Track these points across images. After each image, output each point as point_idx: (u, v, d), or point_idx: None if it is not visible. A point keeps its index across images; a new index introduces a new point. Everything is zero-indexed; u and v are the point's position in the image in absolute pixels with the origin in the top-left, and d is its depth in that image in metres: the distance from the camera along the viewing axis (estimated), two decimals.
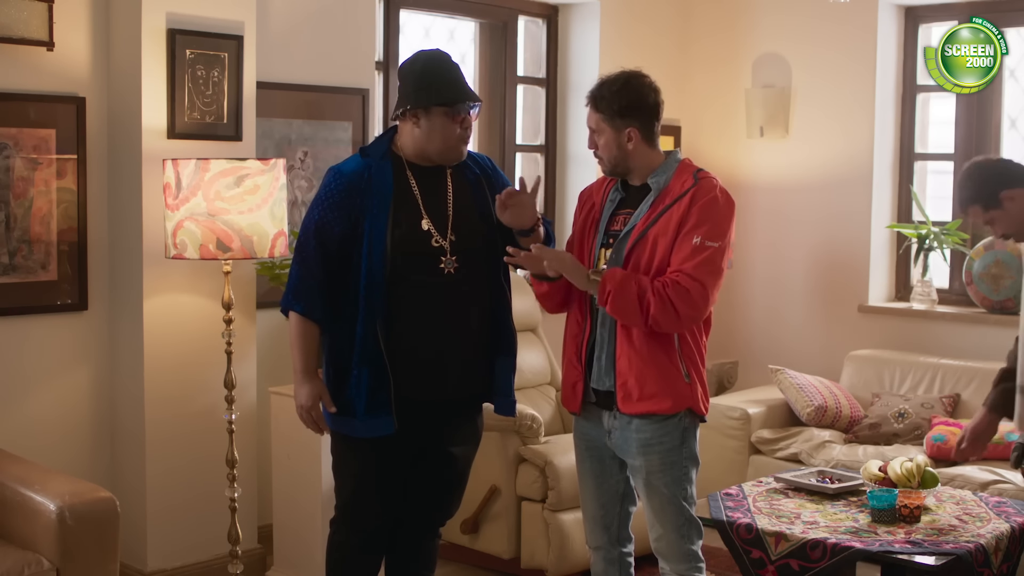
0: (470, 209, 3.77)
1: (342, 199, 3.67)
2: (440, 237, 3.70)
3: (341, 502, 3.88)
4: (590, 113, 3.74)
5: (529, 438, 5.12)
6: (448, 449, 3.87)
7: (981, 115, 6.43)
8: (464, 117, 3.69)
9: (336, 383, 3.74)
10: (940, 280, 6.55)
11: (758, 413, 6.01)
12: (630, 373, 3.65)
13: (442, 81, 3.69)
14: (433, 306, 3.67)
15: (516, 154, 6.74)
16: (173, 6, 4.72)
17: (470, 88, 3.75)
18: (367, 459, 3.76)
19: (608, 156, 3.72)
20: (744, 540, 4.30)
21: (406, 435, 3.72)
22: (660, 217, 3.63)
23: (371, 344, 3.65)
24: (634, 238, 3.65)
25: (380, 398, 3.66)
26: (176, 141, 4.74)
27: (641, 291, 3.54)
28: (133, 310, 4.77)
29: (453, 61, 3.78)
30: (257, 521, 5.11)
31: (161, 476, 4.81)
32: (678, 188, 3.66)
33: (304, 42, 5.38)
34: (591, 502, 3.90)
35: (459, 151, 3.73)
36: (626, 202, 3.76)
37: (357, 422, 3.69)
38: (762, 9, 6.91)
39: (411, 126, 3.71)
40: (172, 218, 4.46)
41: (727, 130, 7.05)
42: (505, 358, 3.88)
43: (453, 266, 3.70)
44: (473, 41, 6.63)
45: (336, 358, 3.74)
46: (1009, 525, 4.34)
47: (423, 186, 3.73)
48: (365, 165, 3.71)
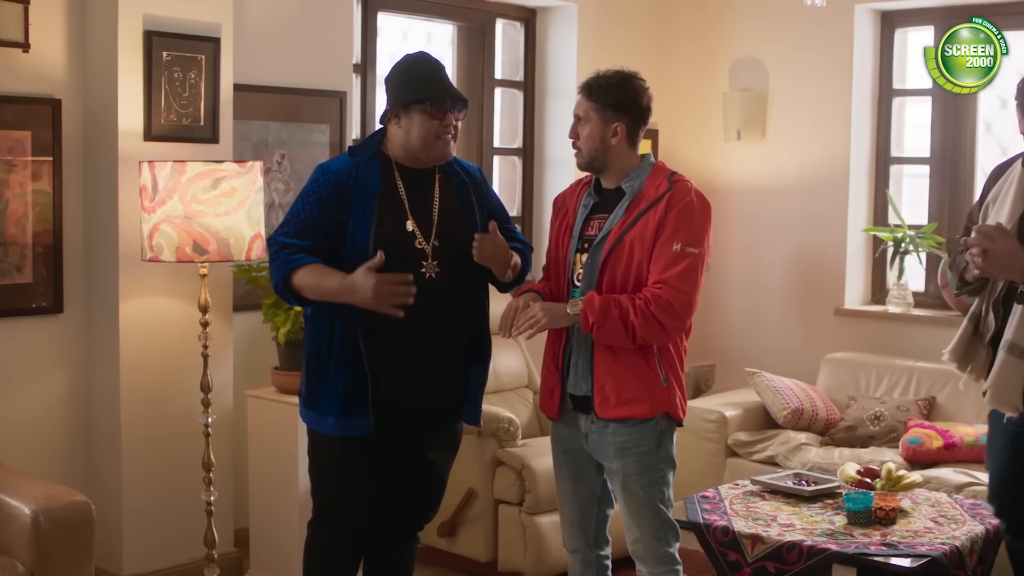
0: (456, 216, 3.77)
1: (328, 195, 3.67)
2: (423, 240, 3.69)
3: (318, 503, 3.87)
4: (581, 101, 3.73)
5: (506, 441, 5.12)
6: (426, 455, 3.87)
7: (957, 119, 6.46)
8: (444, 114, 3.67)
9: (315, 381, 3.73)
10: (916, 283, 6.57)
11: (735, 416, 6.03)
12: (608, 378, 3.65)
13: (419, 79, 3.69)
14: (412, 310, 3.64)
15: (494, 157, 6.74)
16: (150, 8, 4.70)
17: (452, 86, 3.75)
18: (344, 460, 3.74)
19: (588, 148, 3.71)
20: (720, 542, 4.31)
21: (383, 437, 3.71)
22: (636, 222, 3.63)
23: (350, 344, 3.64)
24: (610, 243, 3.64)
25: (357, 398, 3.66)
26: (152, 143, 4.72)
27: (623, 313, 3.54)
28: (109, 313, 4.76)
29: (434, 61, 3.78)
30: (233, 525, 5.10)
31: (137, 479, 4.80)
32: (653, 192, 3.66)
33: (281, 44, 5.37)
34: (568, 505, 3.90)
35: (440, 149, 3.71)
36: (600, 207, 3.76)
37: (333, 421, 3.68)
38: (739, 13, 6.93)
39: (395, 127, 3.72)
40: (148, 220, 4.44)
41: (704, 134, 7.06)
42: (479, 368, 3.88)
43: (434, 271, 3.69)
44: (451, 44, 6.63)
45: (316, 356, 3.73)
46: (984, 527, 4.36)
47: (410, 188, 3.72)
48: (353, 164, 3.71)
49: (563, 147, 6.69)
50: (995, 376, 3.78)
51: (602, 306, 3.55)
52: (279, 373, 4.84)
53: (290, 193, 5.35)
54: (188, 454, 4.81)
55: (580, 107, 3.74)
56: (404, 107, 3.66)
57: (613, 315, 3.54)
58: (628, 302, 3.55)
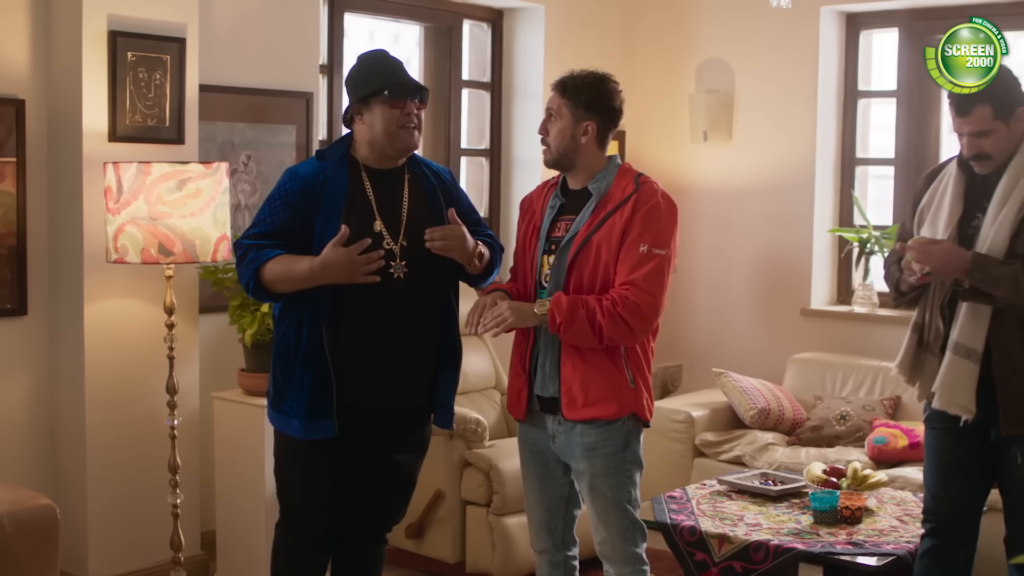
0: (424, 217, 3.76)
1: (296, 199, 3.66)
2: (391, 240, 3.69)
3: (284, 505, 3.85)
4: (554, 97, 3.74)
5: (474, 442, 5.12)
6: (393, 457, 3.86)
7: (921, 121, 6.50)
8: (404, 102, 3.67)
9: (282, 383, 3.72)
10: (881, 284, 6.60)
11: (702, 416, 6.05)
12: (575, 379, 3.65)
13: (376, 72, 3.71)
14: (379, 310, 3.65)
15: (461, 158, 6.74)
16: (114, 8, 4.68)
17: (410, 76, 3.76)
18: (309, 462, 3.73)
19: (558, 145, 3.72)
20: (688, 542, 4.33)
21: (349, 440, 3.70)
22: (603, 223, 3.64)
23: (316, 346, 3.63)
24: (577, 245, 3.65)
25: (322, 401, 3.64)
26: (117, 144, 4.70)
27: (590, 314, 3.55)
28: (74, 315, 4.72)
29: (391, 56, 3.79)
30: (200, 527, 5.07)
31: (102, 482, 4.77)
32: (619, 194, 3.66)
33: (248, 45, 5.35)
34: (536, 506, 3.90)
35: (404, 139, 3.70)
36: (566, 208, 3.77)
37: (298, 423, 3.67)
38: (706, 15, 6.95)
39: (359, 126, 3.72)
40: (113, 222, 4.42)
41: (671, 135, 7.08)
42: (449, 372, 3.87)
43: (402, 271, 3.69)
44: (418, 45, 6.62)
45: (283, 358, 3.72)
46: None
47: (378, 189, 3.72)
48: (321, 168, 3.71)
49: (530, 148, 6.71)
50: (943, 378, 3.75)
51: (569, 306, 3.55)
52: (245, 375, 4.82)
53: (256, 195, 5.33)
54: (154, 456, 4.78)
55: (553, 103, 3.74)
56: (364, 102, 3.67)
57: (580, 316, 3.54)
58: (595, 303, 3.56)
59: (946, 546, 3.90)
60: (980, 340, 3.67)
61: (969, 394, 3.70)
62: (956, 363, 3.71)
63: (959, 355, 3.70)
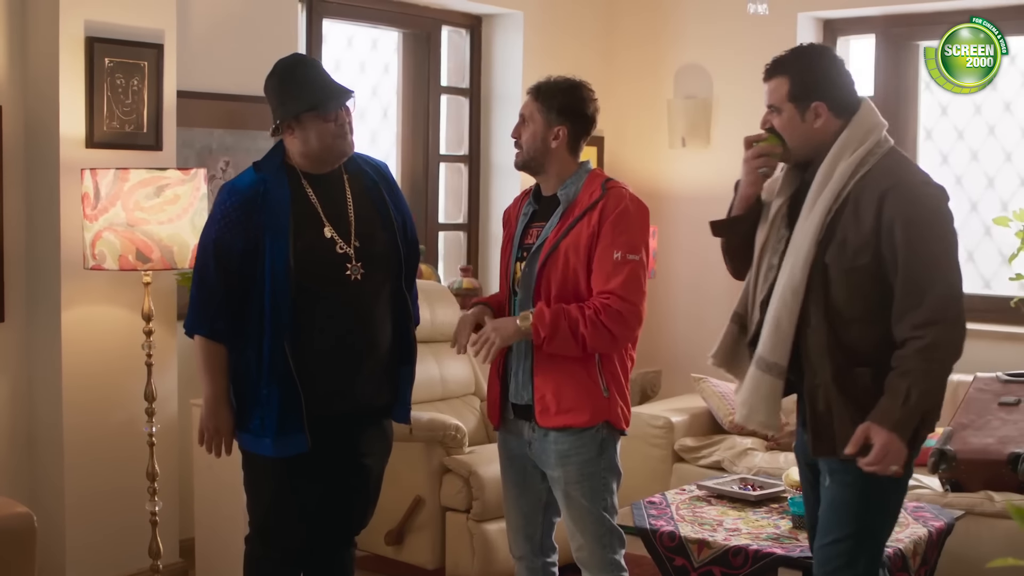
0: (372, 215, 3.75)
1: (239, 216, 3.60)
2: (344, 244, 3.67)
3: (256, 521, 3.82)
4: (528, 101, 3.76)
5: (453, 448, 5.11)
6: (361, 460, 3.83)
7: (897, 126, 6.51)
8: (336, 113, 3.65)
9: (247, 402, 3.68)
10: None
11: (681, 421, 6.05)
12: (547, 387, 3.66)
13: (302, 86, 3.65)
14: (341, 315, 3.64)
15: (440, 164, 6.74)
16: (92, 14, 4.66)
17: (335, 82, 3.70)
18: (281, 478, 3.69)
19: (528, 147, 3.74)
20: (667, 548, 4.33)
21: (320, 451, 3.67)
22: (570, 230, 3.65)
23: (279, 362, 3.58)
24: (545, 252, 3.66)
25: (292, 417, 3.60)
26: (95, 151, 4.68)
27: (572, 324, 3.55)
28: (51, 321, 4.70)
29: (311, 60, 3.77)
30: (179, 535, 5.05)
31: (80, 490, 4.74)
32: (587, 199, 3.67)
33: (225, 51, 5.34)
34: (514, 512, 3.90)
35: (341, 148, 3.68)
36: (538, 215, 3.79)
37: (269, 442, 3.63)
38: (684, 21, 6.97)
39: (290, 138, 3.69)
40: (91, 228, 4.40)
41: (650, 141, 7.09)
42: (406, 368, 3.86)
43: (359, 272, 3.67)
44: (396, 51, 6.62)
45: (242, 379, 3.67)
46: (927, 530, 4.41)
47: (321, 195, 3.69)
48: (260, 179, 3.65)
49: (509, 154, 6.56)
50: (742, 393, 3.47)
51: (552, 319, 3.55)
52: None
53: None
54: (132, 463, 4.77)
55: (527, 107, 3.76)
56: (295, 117, 3.63)
57: (563, 328, 3.55)
58: (577, 312, 3.56)
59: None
60: (783, 355, 3.33)
61: (770, 410, 3.40)
62: (757, 377, 3.39)
63: (760, 369, 3.37)
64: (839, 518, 3.35)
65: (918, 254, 3.18)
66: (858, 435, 3.19)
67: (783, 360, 3.33)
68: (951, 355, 3.20)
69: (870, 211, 3.22)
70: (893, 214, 3.19)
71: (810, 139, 3.38)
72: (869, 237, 3.21)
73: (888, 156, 3.34)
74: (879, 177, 3.26)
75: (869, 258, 3.22)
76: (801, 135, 3.39)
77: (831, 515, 3.37)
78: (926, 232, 3.20)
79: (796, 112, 3.39)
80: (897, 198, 3.21)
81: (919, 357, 3.16)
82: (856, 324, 3.27)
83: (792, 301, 3.31)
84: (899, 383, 3.17)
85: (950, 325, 3.18)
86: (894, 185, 3.23)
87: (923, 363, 3.16)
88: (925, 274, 3.18)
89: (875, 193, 3.23)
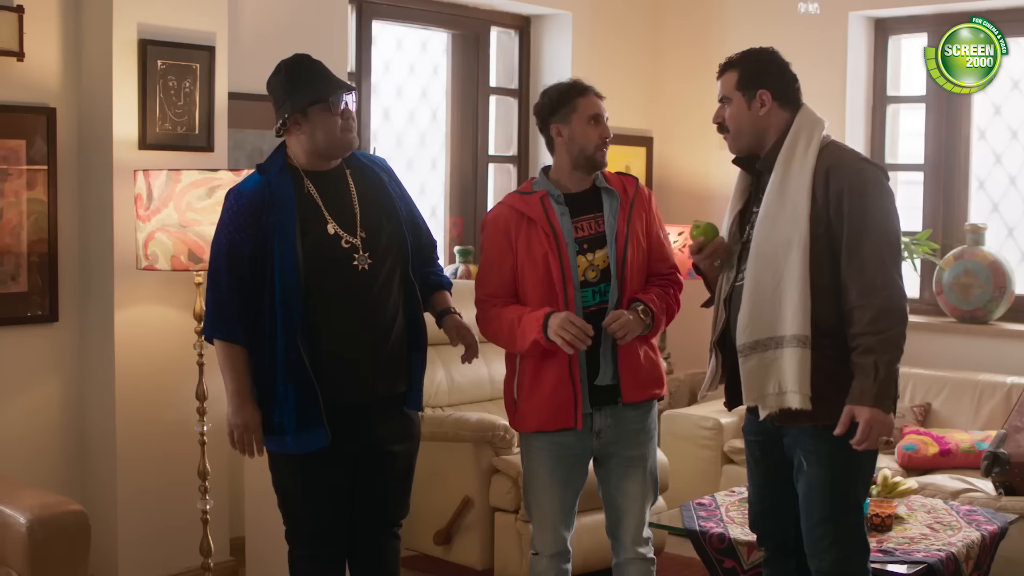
0: (376, 206, 3.79)
1: (247, 220, 3.66)
2: (350, 236, 3.71)
3: (288, 517, 3.85)
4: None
5: (502, 449, 5.11)
6: (388, 448, 3.84)
7: (951, 126, 6.47)
8: (342, 108, 3.71)
9: (262, 403, 3.71)
10: (910, 290, 6.53)
11: (730, 423, 6.02)
12: (629, 364, 3.82)
13: (308, 79, 3.72)
14: (352, 308, 3.67)
15: (488, 165, 6.75)
16: (144, 16, 4.70)
17: (338, 78, 3.78)
18: (307, 474, 3.73)
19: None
20: (717, 550, 4.31)
21: (342, 443, 3.70)
22: (632, 215, 3.86)
23: (294, 358, 3.62)
24: (622, 238, 3.82)
25: (310, 412, 3.64)
26: (147, 152, 4.72)
27: (669, 307, 3.90)
28: (104, 322, 4.75)
29: (314, 59, 3.80)
30: (229, 533, 5.09)
31: (132, 488, 4.79)
32: (619, 184, 3.92)
33: (276, 53, 5.28)
34: (556, 512, 3.91)
35: (347, 141, 3.74)
36: (579, 209, 3.86)
37: (289, 439, 3.67)
38: (732, 21, 6.94)
39: (295, 134, 3.73)
40: (143, 229, 4.44)
41: (699, 141, 7.06)
42: (417, 353, 3.87)
43: (367, 263, 3.70)
44: (445, 52, 6.64)
45: (260, 378, 3.71)
46: (980, 533, 4.36)
47: (324, 192, 3.74)
48: (265, 182, 3.71)
49: None
50: (792, 379, 3.49)
51: (660, 306, 3.84)
52: None
53: None
54: (184, 462, 4.80)
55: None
56: (302, 111, 3.68)
57: (672, 308, 3.92)
58: (666, 293, 3.90)
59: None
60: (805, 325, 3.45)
61: (806, 379, 3.47)
62: (799, 355, 3.45)
63: (796, 346, 3.46)
64: (827, 495, 3.52)
65: (857, 223, 3.42)
66: (844, 419, 3.40)
67: (806, 329, 3.45)
68: (898, 319, 3.42)
69: (820, 186, 3.48)
70: (839, 187, 3.45)
71: (756, 125, 3.65)
72: (820, 211, 3.45)
73: (832, 143, 3.63)
74: (824, 157, 3.55)
75: (823, 229, 3.45)
76: (748, 122, 3.65)
77: (819, 494, 3.52)
78: (868, 203, 3.45)
79: (743, 99, 3.65)
80: (840, 172, 3.48)
81: (871, 331, 3.38)
82: (820, 295, 3.44)
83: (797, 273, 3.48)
84: (864, 361, 3.38)
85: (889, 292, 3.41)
86: (836, 162, 3.52)
87: (877, 335, 3.38)
88: (865, 241, 3.41)
89: (822, 169, 3.51)
